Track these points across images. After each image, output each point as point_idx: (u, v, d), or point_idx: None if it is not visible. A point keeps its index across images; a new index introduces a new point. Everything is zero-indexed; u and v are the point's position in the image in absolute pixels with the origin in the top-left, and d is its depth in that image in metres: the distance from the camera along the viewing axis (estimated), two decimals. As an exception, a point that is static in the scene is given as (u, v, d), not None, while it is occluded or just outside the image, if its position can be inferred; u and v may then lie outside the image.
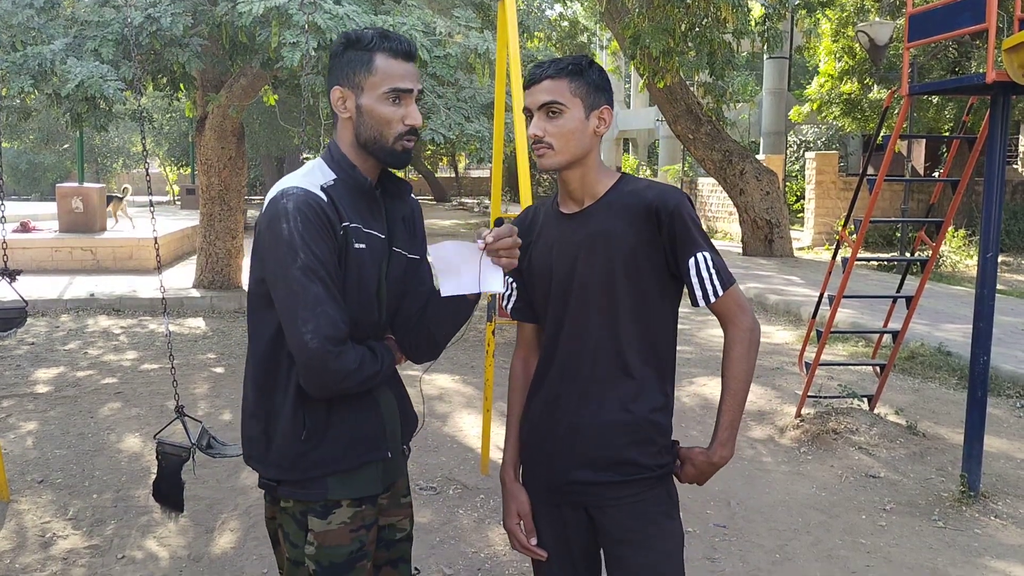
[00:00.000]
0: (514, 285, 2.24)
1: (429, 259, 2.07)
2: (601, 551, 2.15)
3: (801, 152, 23.27)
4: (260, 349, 2.04)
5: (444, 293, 2.01)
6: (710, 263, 1.99)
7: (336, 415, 2.02)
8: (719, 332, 2.10)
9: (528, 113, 2.08)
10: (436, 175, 41.76)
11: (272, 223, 1.92)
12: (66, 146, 31.59)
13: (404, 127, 2.01)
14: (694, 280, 2.00)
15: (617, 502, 2.04)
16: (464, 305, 2.10)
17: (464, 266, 1.99)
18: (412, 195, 2.24)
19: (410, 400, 2.27)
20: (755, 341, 2.04)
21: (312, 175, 2.01)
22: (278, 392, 2.02)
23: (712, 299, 2.00)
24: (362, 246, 2.00)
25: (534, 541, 2.17)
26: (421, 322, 2.15)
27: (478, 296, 2.09)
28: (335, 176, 2.02)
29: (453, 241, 2.02)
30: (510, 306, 2.27)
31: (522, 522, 2.18)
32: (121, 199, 16.19)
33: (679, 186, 20.41)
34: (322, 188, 1.97)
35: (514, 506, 2.19)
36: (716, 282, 2.00)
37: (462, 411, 6.30)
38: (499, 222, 2.11)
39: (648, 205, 1.99)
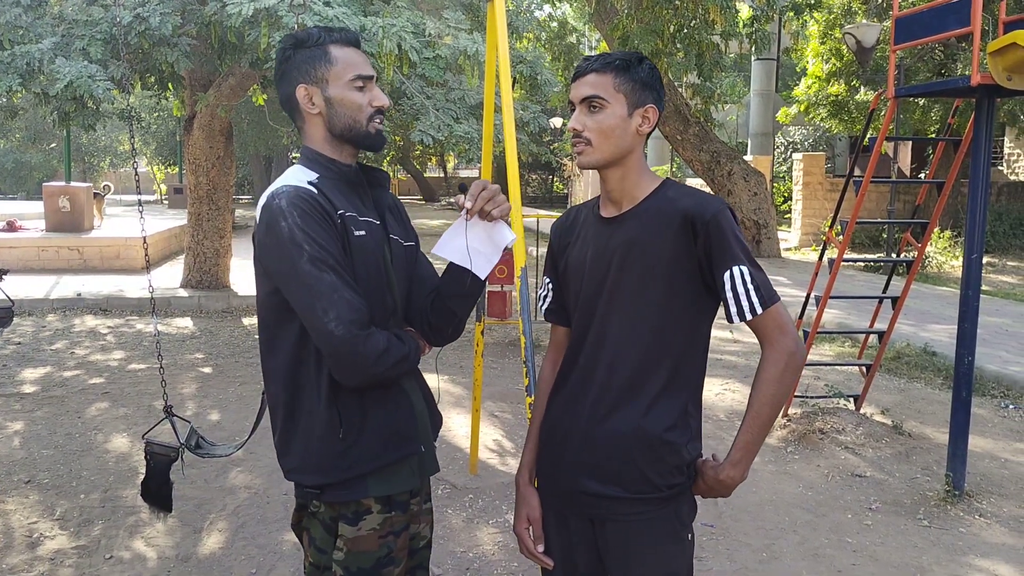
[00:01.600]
0: (550, 286, 2.20)
1: (442, 255, 2.08)
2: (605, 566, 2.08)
3: (788, 153, 23.38)
4: (283, 361, 2.02)
5: (483, 275, 2.06)
6: (747, 278, 1.88)
7: (371, 410, 2.01)
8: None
9: (571, 106, 2.03)
10: (425, 175, 41.73)
11: (270, 225, 1.92)
12: (53, 145, 31.44)
13: (372, 109, 2.05)
14: (729, 295, 1.89)
15: (622, 518, 1.98)
16: (475, 276, 2.10)
17: (471, 242, 2.03)
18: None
19: (433, 397, 2.27)
20: (793, 367, 1.90)
21: (296, 176, 2.02)
22: (310, 397, 2.00)
23: (748, 316, 1.88)
24: (362, 233, 2.00)
25: (541, 548, 2.12)
26: (437, 303, 2.15)
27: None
28: (318, 174, 2.03)
29: (444, 234, 2.06)
30: (544, 307, 2.22)
31: (531, 528, 2.14)
32: (102, 196, 15.77)
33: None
34: (311, 183, 1.99)
35: (525, 511, 2.15)
36: (754, 299, 1.88)
37: (451, 411, 6.30)
38: (462, 188, 2.09)
39: (685, 214, 1.91)
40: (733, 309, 1.89)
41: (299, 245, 1.87)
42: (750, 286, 1.88)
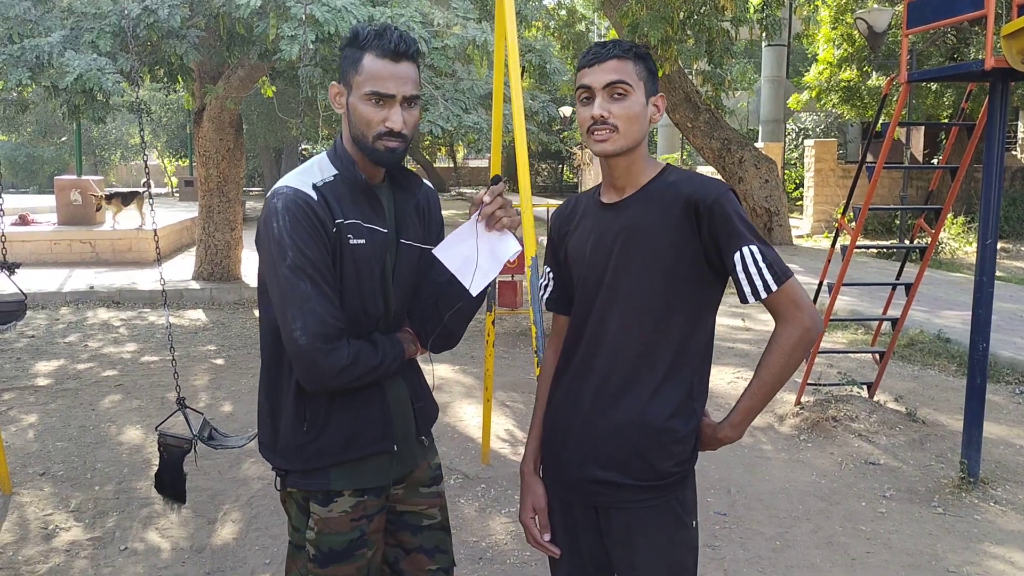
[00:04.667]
0: (551, 275, 2.20)
1: (442, 259, 2.07)
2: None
3: (800, 140, 23.25)
4: (267, 343, 2.10)
5: (475, 291, 2.04)
6: (759, 257, 1.86)
7: (337, 408, 2.05)
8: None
9: (587, 93, 1.97)
10: (434, 165, 41.71)
11: (266, 222, 1.98)
12: (64, 139, 31.51)
13: (383, 128, 1.99)
14: (741, 276, 1.86)
15: (626, 505, 1.98)
16: (470, 295, 2.11)
17: (474, 253, 2.02)
18: (425, 185, 2.26)
19: (429, 390, 2.28)
20: (807, 341, 1.89)
21: (310, 172, 2.04)
22: (283, 385, 2.07)
23: (763, 295, 1.86)
24: (360, 241, 2.02)
25: (547, 537, 2.12)
26: (435, 312, 2.16)
27: (491, 284, 2.11)
28: (336, 172, 2.05)
29: (449, 235, 2.06)
30: (546, 296, 2.21)
31: (537, 517, 2.14)
32: (141, 196, 13.89)
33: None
34: (315, 186, 2.00)
35: (530, 500, 2.15)
36: (768, 277, 1.85)
37: (462, 401, 6.31)
38: (496, 180, 2.07)
39: (687, 198, 1.90)
40: (747, 289, 1.87)
41: (283, 250, 1.92)
42: (762, 264, 1.86)
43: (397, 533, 2.23)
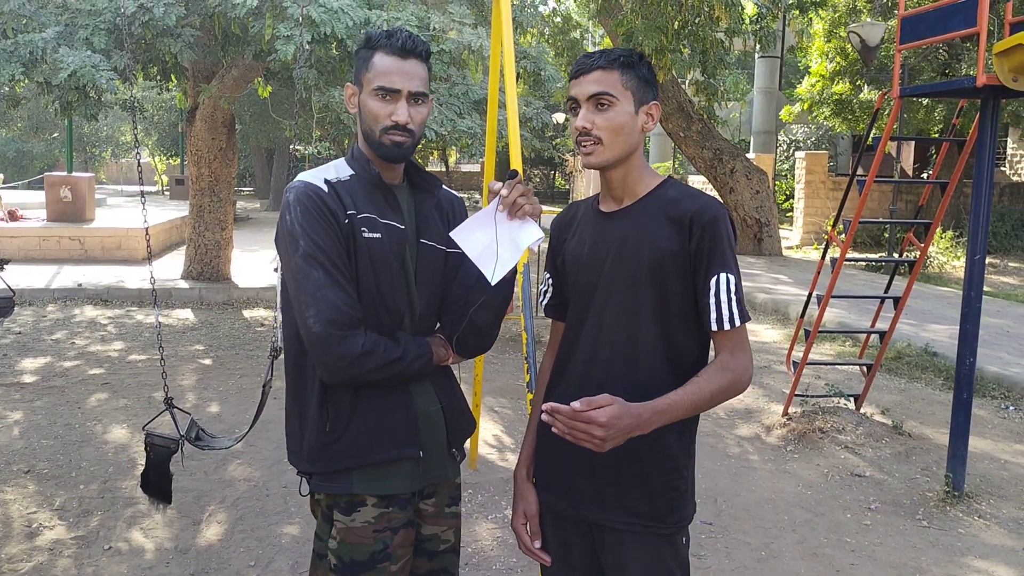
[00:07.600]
0: (550, 282, 2.19)
1: (460, 243, 2.01)
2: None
3: (791, 151, 23.34)
4: (290, 346, 2.09)
5: (495, 280, 1.98)
6: (734, 287, 1.87)
7: (361, 408, 2.02)
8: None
9: (574, 104, 1.97)
10: (427, 168, 41.70)
11: (281, 216, 2.01)
12: (55, 135, 31.41)
13: (390, 122, 2.03)
14: (712, 300, 1.87)
15: (619, 520, 1.97)
16: (502, 286, 2.08)
17: (493, 242, 1.98)
18: (447, 189, 2.26)
19: (463, 401, 2.25)
20: (741, 387, 1.89)
21: (326, 170, 2.08)
22: (307, 385, 2.06)
23: (727, 326, 1.87)
24: (376, 236, 2.02)
25: (538, 544, 2.11)
26: (463, 312, 2.14)
27: (515, 273, 2.07)
28: (352, 173, 2.08)
29: (468, 219, 2.02)
30: (545, 303, 2.20)
31: (528, 524, 2.13)
32: None
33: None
34: (327, 181, 2.03)
35: (522, 506, 2.14)
36: (735, 310, 1.87)
37: (451, 406, 6.29)
38: (512, 174, 2.02)
39: (684, 213, 1.90)
40: (713, 315, 1.88)
41: (296, 240, 1.94)
42: (734, 296, 1.88)
43: (413, 559, 2.18)
